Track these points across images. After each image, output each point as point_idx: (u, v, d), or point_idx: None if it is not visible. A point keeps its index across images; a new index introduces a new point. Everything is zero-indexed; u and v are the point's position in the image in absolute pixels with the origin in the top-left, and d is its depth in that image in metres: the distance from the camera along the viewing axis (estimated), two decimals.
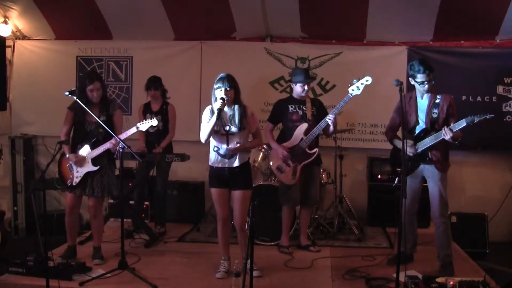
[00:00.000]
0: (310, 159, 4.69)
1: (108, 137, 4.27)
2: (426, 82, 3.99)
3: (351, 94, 4.50)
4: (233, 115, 3.93)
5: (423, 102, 4.13)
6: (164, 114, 5.38)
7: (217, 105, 3.83)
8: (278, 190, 4.90)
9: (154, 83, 5.37)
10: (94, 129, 4.29)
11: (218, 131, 3.94)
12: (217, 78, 3.94)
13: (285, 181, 4.73)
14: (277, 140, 4.88)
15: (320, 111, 4.80)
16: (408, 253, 4.28)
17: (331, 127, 4.63)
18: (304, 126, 4.69)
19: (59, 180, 4.36)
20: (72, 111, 4.30)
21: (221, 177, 4.01)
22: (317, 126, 4.61)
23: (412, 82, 4.10)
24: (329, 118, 4.51)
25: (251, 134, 4.12)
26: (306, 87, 4.76)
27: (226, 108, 3.93)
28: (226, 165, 3.98)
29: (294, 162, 4.68)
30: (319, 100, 5.06)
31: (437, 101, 4.04)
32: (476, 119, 3.71)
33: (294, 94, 4.86)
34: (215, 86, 3.92)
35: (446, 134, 3.82)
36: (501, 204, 5.79)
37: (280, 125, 4.99)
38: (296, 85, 4.80)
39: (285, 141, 4.77)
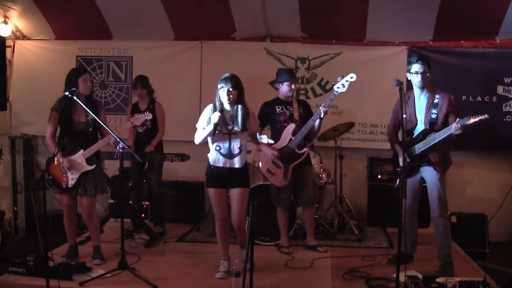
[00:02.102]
0: (300, 160, 4.69)
1: (96, 136, 4.27)
2: (420, 73, 3.98)
3: (336, 92, 4.53)
4: (236, 115, 3.92)
5: (421, 102, 4.12)
6: (152, 113, 5.35)
7: (214, 118, 3.81)
8: (269, 192, 4.88)
9: (141, 81, 5.36)
10: (83, 128, 4.27)
11: (220, 131, 3.93)
12: (221, 77, 3.93)
13: (276, 183, 4.72)
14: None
15: (307, 112, 4.81)
16: (408, 253, 4.28)
17: (316, 127, 4.63)
18: (291, 126, 4.70)
19: (51, 183, 4.25)
20: (57, 112, 4.24)
21: (220, 176, 4.00)
22: (305, 125, 4.61)
23: (409, 77, 4.10)
24: (322, 111, 4.48)
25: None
26: (293, 86, 4.78)
27: (228, 107, 3.93)
28: (228, 165, 3.97)
29: (284, 163, 4.68)
30: (305, 101, 5.09)
31: (436, 100, 4.02)
32: (472, 121, 3.69)
33: (280, 95, 4.87)
34: (219, 86, 3.91)
35: (456, 130, 3.75)
36: (501, 204, 5.79)
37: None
38: (282, 84, 4.80)
39: (274, 143, 4.76)
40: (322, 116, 4.52)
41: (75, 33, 6.40)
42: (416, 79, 4.03)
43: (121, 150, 3.98)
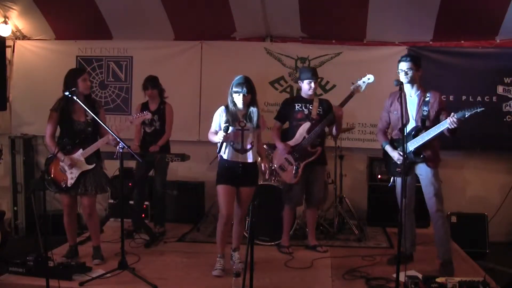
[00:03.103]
0: (312, 158, 4.70)
1: (95, 135, 4.27)
2: (404, 71, 4.06)
3: (353, 92, 4.64)
4: (251, 116, 4.07)
5: (412, 100, 4.15)
6: (161, 113, 5.36)
7: (219, 136, 3.93)
8: (281, 190, 4.91)
9: (151, 82, 5.36)
10: (83, 128, 4.27)
11: (233, 127, 4.03)
12: (236, 81, 4.05)
13: (286, 179, 4.74)
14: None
15: (327, 112, 4.80)
16: (407, 252, 4.28)
17: (334, 128, 4.68)
18: (306, 125, 4.71)
19: (51, 183, 4.26)
20: (56, 112, 4.25)
21: (233, 173, 4.07)
22: (320, 124, 4.63)
23: (399, 76, 4.13)
24: (335, 111, 4.58)
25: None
26: (313, 85, 4.76)
27: (241, 107, 4.06)
28: (241, 159, 4.06)
29: (296, 160, 4.69)
30: (328, 101, 5.01)
31: (427, 99, 4.06)
32: (467, 114, 3.71)
33: (302, 93, 4.87)
34: (234, 89, 4.03)
35: (452, 124, 3.78)
36: (501, 204, 5.79)
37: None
38: (303, 82, 4.80)
39: (287, 140, 4.78)
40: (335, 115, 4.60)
41: (75, 33, 6.39)
42: (401, 77, 4.10)
43: (121, 150, 3.98)
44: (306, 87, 4.78)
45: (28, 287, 3.78)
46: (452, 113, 3.81)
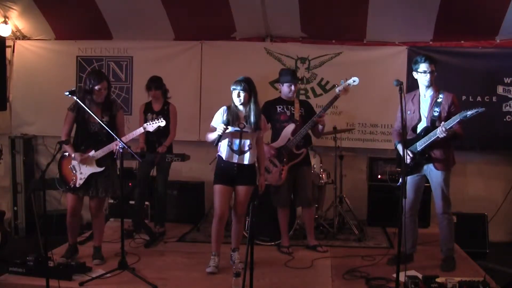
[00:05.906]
0: (297, 160, 4.72)
1: (112, 138, 4.27)
2: (429, 72, 4.05)
3: (338, 94, 4.65)
4: (249, 115, 4.07)
5: (425, 100, 4.17)
6: (165, 114, 5.37)
7: (219, 130, 3.96)
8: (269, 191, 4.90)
9: (155, 83, 5.37)
10: (98, 130, 4.25)
11: (233, 126, 4.05)
12: (235, 80, 4.09)
13: (272, 181, 4.74)
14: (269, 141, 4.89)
15: (309, 112, 4.83)
16: (407, 253, 4.28)
17: (320, 127, 4.70)
18: (291, 126, 4.73)
19: (61, 181, 4.29)
20: (73, 112, 4.25)
21: (229, 174, 4.10)
22: (304, 126, 4.66)
23: (416, 76, 4.16)
24: (317, 117, 4.62)
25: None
26: (293, 88, 4.80)
27: (241, 108, 4.09)
28: (237, 161, 4.08)
29: (281, 162, 4.69)
30: (308, 102, 5.11)
31: (439, 100, 4.08)
32: (469, 114, 3.76)
33: (282, 95, 4.90)
34: (231, 87, 4.09)
35: (441, 133, 3.88)
36: (501, 204, 5.79)
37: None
38: (283, 85, 4.84)
39: (274, 142, 4.79)
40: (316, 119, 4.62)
41: (75, 33, 6.39)
42: (424, 78, 4.11)
43: (121, 150, 3.98)
44: (286, 90, 4.82)
45: (28, 287, 3.77)
46: (443, 122, 3.90)
